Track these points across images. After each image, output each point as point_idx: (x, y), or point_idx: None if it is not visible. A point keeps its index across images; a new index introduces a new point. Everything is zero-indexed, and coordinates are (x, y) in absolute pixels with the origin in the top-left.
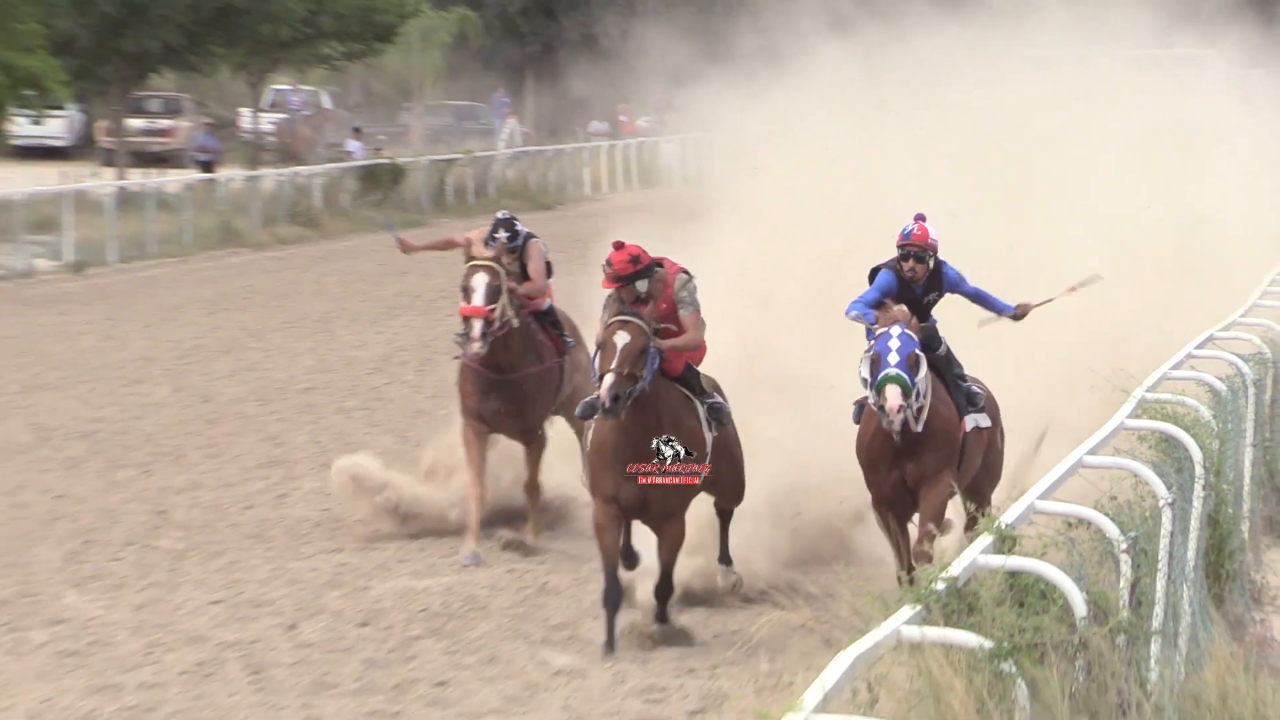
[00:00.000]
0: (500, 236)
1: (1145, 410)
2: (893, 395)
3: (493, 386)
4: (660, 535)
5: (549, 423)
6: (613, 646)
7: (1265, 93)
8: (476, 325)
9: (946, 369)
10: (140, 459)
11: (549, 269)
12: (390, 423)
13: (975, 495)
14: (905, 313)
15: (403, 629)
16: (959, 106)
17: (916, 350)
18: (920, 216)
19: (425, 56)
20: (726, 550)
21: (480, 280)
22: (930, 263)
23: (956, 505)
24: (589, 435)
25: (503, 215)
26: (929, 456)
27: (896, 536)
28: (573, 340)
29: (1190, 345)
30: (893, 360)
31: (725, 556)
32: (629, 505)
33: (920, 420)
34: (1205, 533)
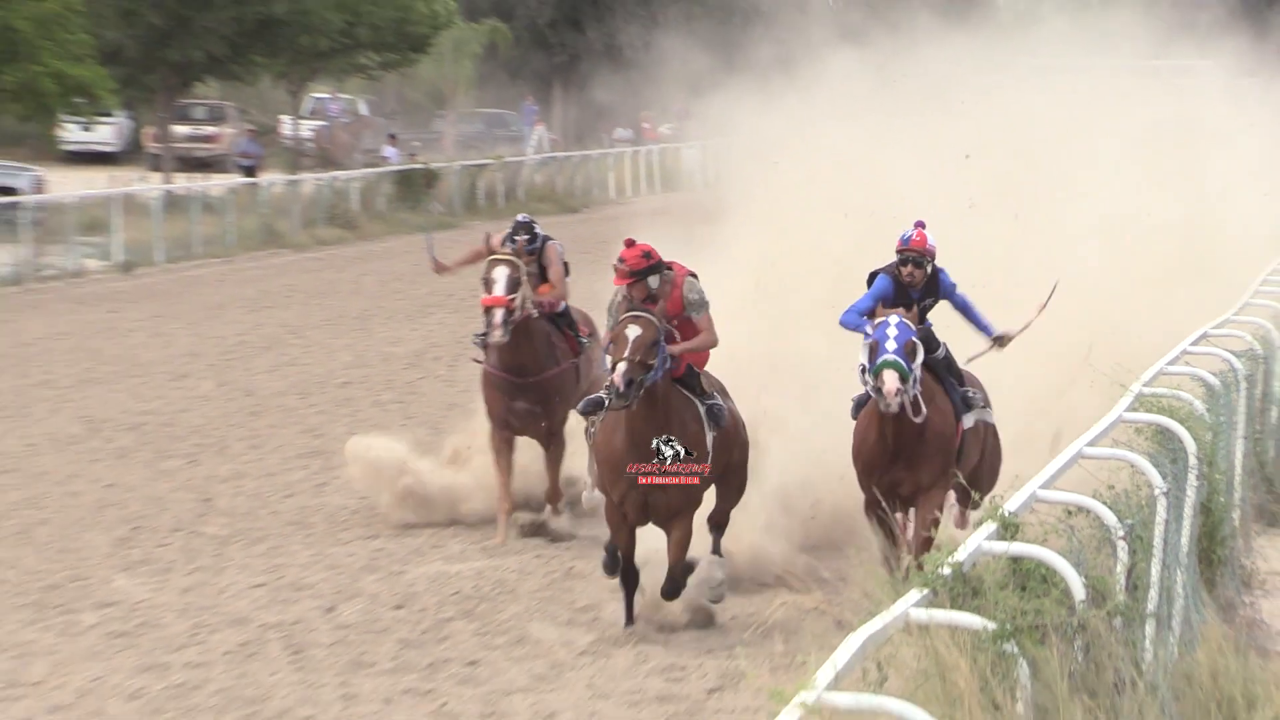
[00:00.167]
0: (520, 239)
1: (1142, 404)
2: (890, 379)
3: (515, 390)
4: (669, 534)
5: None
6: (632, 619)
7: (1259, 100)
8: (498, 314)
9: (945, 372)
10: (186, 450)
11: (566, 269)
12: (424, 415)
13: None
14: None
15: (435, 611)
16: (966, 113)
17: (914, 339)
18: (920, 223)
19: (457, 66)
20: (718, 545)
21: (501, 273)
22: (928, 268)
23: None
24: (593, 433)
25: (522, 218)
26: (925, 468)
27: (885, 537)
28: (588, 340)
29: (1185, 342)
30: (890, 347)
31: (716, 549)
32: (637, 505)
33: (920, 411)
34: (1198, 520)
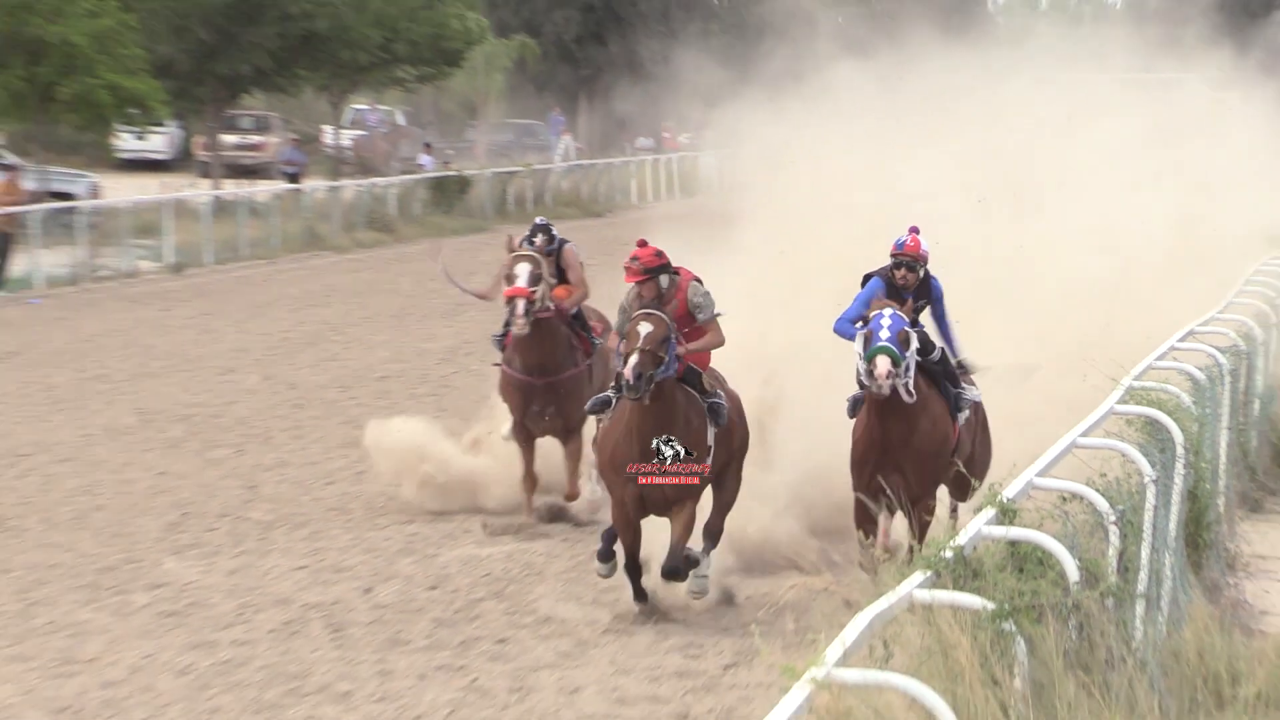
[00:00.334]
0: (538, 239)
1: (1132, 397)
2: (882, 364)
3: (534, 392)
4: (672, 519)
5: None
6: (644, 596)
7: (1239, 111)
8: (520, 304)
9: (941, 375)
10: (233, 440)
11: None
12: (456, 408)
13: (954, 484)
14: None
15: (467, 592)
16: (966, 121)
17: (907, 328)
18: (914, 229)
19: (489, 79)
20: (708, 552)
21: (523, 268)
22: (920, 272)
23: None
24: (599, 431)
25: (540, 221)
26: (921, 472)
27: (870, 546)
28: (601, 340)
29: (1173, 338)
30: (884, 335)
31: (705, 553)
32: (638, 500)
33: (912, 395)
34: (1185, 506)
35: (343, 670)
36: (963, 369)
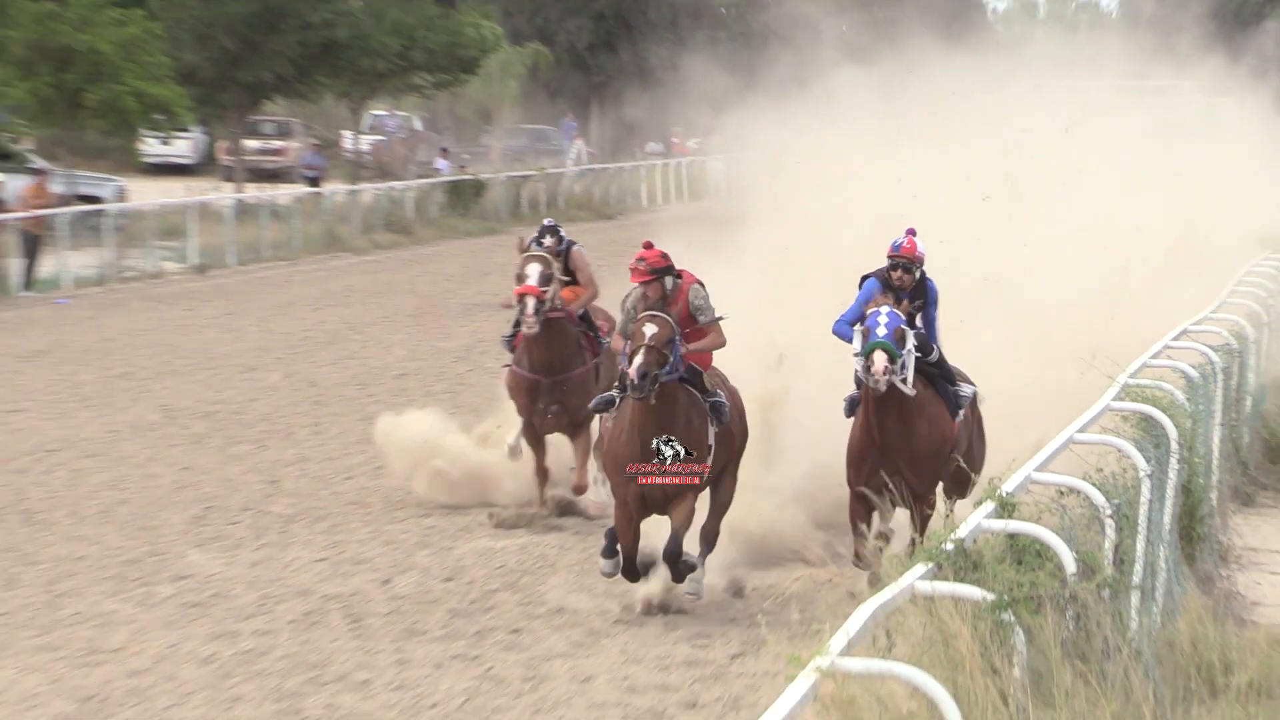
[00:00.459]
0: (546, 240)
1: (1128, 394)
2: (879, 359)
3: (542, 390)
4: (673, 510)
5: None
6: (640, 572)
7: (1232, 117)
8: (530, 303)
9: (939, 376)
10: (255, 435)
11: None
12: (471, 404)
13: (954, 479)
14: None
15: (483, 583)
16: (966, 126)
17: (903, 326)
18: (910, 231)
19: (503, 86)
20: (704, 558)
21: (534, 268)
22: (916, 274)
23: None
24: (603, 430)
25: (548, 223)
26: (921, 470)
27: (864, 529)
28: (607, 340)
29: (1167, 337)
30: (881, 332)
31: (701, 560)
32: (639, 498)
33: (912, 388)
34: (1179, 500)
35: (361, 659)
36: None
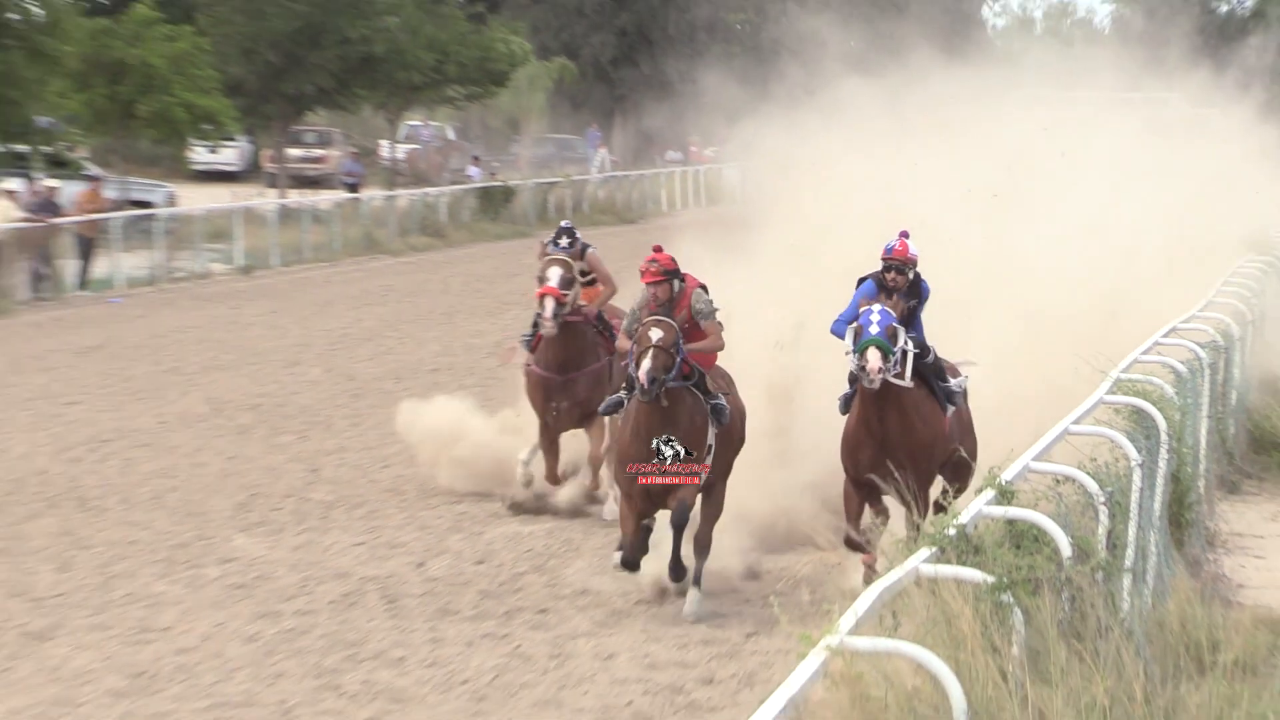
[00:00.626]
0: (562, 242)
1: (1120, 388)
2: (873, 357)
3: (557, 388)
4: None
5: None
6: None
7: (1218, 127)
8: (549, 304)
9: (933, 377)
10: (297, 427)
11: None
12: (501, 398)
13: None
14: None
15: (511, 566)
16: (966, 134)
17: (895, 324)
18: (903, 233)
19: (531, 98)
20: (700, 575)
21: (554, 271)
22: (910, 274)
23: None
24: (615, 428)
25: (564, 224)
26: (917, 466)
27: (857, 520)
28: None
29: (1157, 334)
30: (873, 330)
31: (698, 579)
32: (645, 493)
33: (909, 381)
34: (1169, 488)
35: (397, 638)
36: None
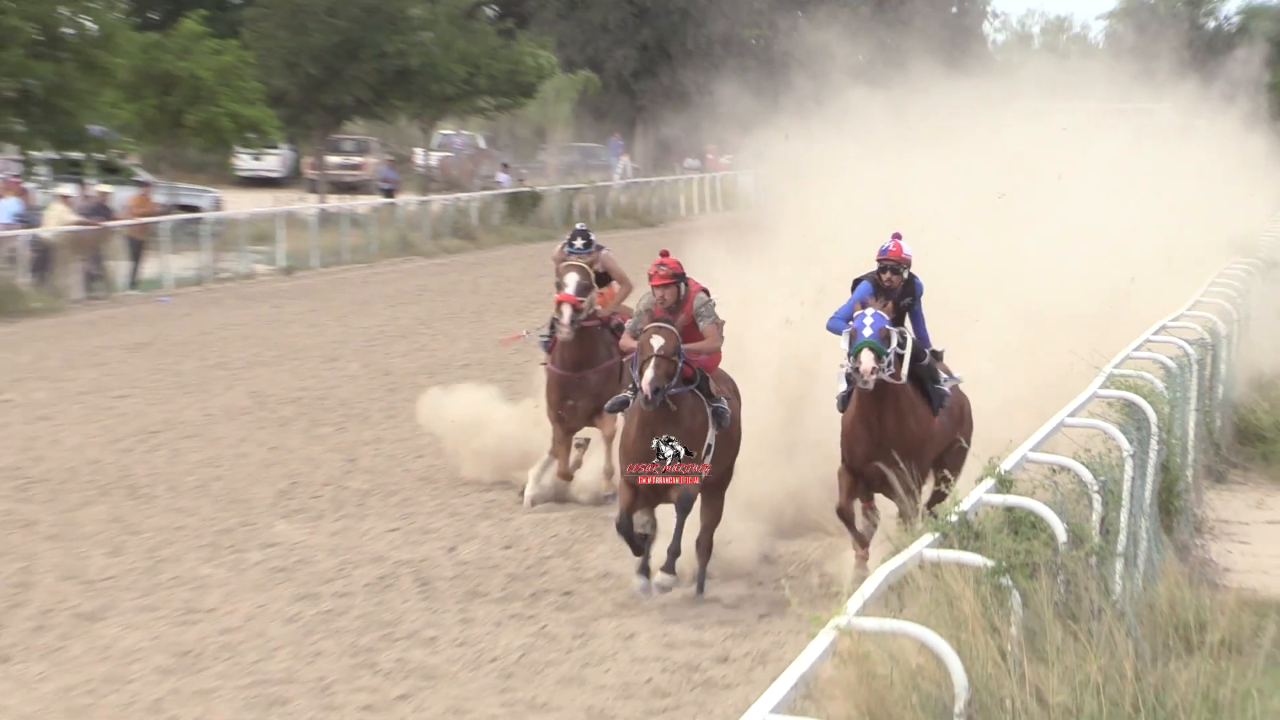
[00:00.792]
0: (578, 244)
1: (1113, 382)
2: (866, 359)
3: (572, 386)
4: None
5: None
6: (642, 552)
7: (1205, 136)
8: (567, 311)
9: (927, 379)
10: (335, 419)
11: None
12: (529, 391)
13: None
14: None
15: (538, 550)
16: (967, 143)
17: (888, 326)
18: (896, 235)
19: (557, 108)
20: (703, 579)
21: (572, 278)
22: (904, 274)
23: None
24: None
25: (580, 227)
26: (908, 465)
27: (848, 496)
28: None
29: (1148, 332)
30: (867, 333)
31: (701, 585)
32: (651, 488)
33: (902, 376)
34: (1159, 477)
35: (429, 619)
36: (937, 357)
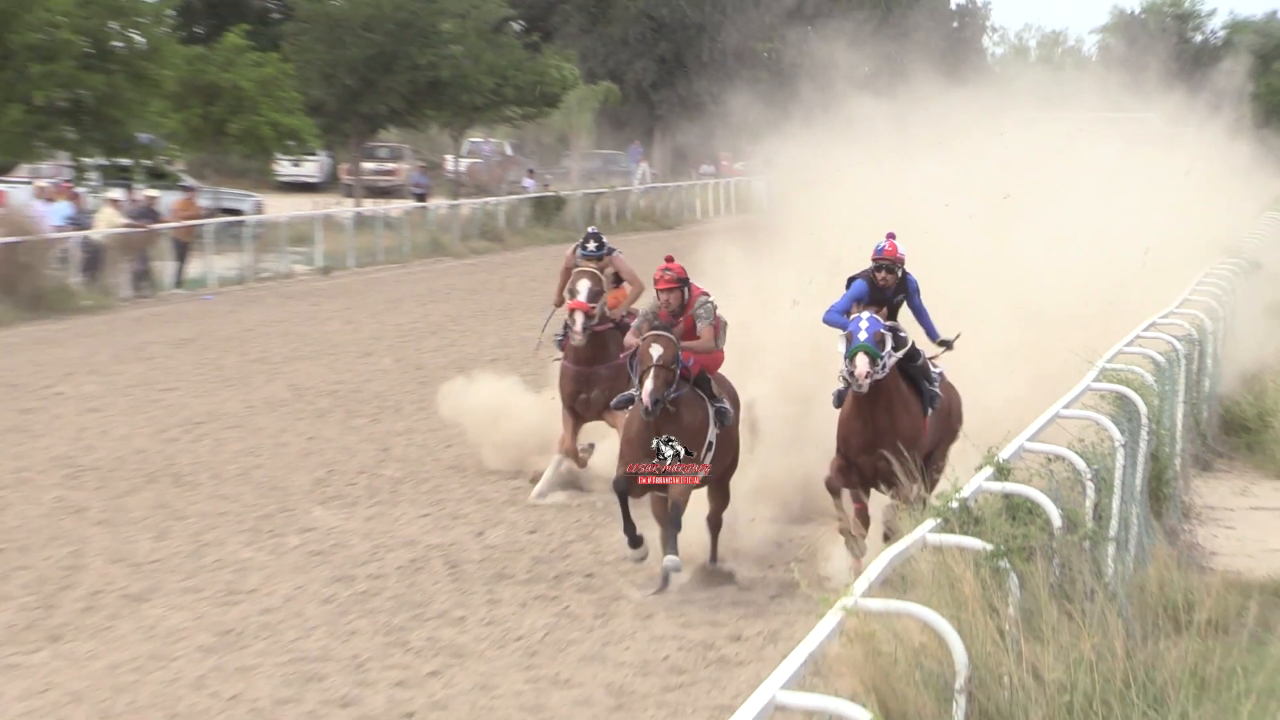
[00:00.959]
0: (590, 246)
1: (1105, 376)
2: (861, 363)
3: (585, 380)
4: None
5: None
6: (636, 537)
7: (1191, 143)
8: (579, 318)
9: (921, 379)
10: (370, 410)
11: None
12: (553, 385)
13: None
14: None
15: (561, 534)
16: (966, 150)
17: (883, 330)
18: (891, 235)
19: (580, 117)
20: (715, 550)
21: (584, 285)
22: (898, 273)
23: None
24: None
25: (592, 230)
26: (901, 459)
27: (846, 505)
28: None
29: (1139, 328)
30: (862, 336)
31: (714, 555)
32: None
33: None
34: (1148, 466)
35: (458, 599)
36: (946, 345)
